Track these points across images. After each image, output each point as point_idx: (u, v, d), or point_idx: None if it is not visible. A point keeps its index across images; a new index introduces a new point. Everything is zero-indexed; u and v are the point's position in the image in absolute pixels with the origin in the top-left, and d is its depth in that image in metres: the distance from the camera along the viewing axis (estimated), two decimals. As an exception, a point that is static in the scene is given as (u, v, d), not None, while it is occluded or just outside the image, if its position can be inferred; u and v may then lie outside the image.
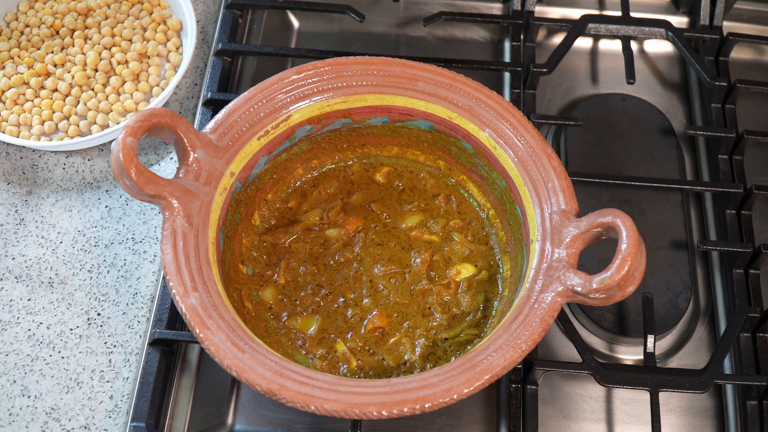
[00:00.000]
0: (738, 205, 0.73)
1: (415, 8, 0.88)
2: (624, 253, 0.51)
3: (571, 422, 0.65)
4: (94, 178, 0.74)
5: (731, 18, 0.87)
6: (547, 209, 0.59)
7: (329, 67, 0.64)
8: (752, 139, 0.75)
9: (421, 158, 0.70)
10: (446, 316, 0.64)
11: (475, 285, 0.65)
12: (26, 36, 0.79)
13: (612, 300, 0.53)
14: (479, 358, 0.52)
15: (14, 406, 0.63)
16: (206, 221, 0.58)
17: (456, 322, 0.64)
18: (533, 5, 0.84)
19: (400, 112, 0.65)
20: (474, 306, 0.64)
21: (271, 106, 0.63)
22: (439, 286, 0.65)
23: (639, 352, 0.68)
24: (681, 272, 0.71)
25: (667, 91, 0.84)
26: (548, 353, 0.68)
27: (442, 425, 0.64)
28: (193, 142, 0.59)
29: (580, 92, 0.83)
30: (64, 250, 0.70)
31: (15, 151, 0.76)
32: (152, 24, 0.80)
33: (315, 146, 0.68)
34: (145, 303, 0.68)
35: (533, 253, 0.57)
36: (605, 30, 0.82)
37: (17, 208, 0.73)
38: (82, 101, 0.75)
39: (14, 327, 0.67)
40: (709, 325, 0.70)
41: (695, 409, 0.66)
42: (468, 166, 0.68)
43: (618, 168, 0.76)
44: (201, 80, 0.81)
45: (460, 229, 0.68)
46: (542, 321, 0.53)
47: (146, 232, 0.72)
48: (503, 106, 0.63)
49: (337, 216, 0.68)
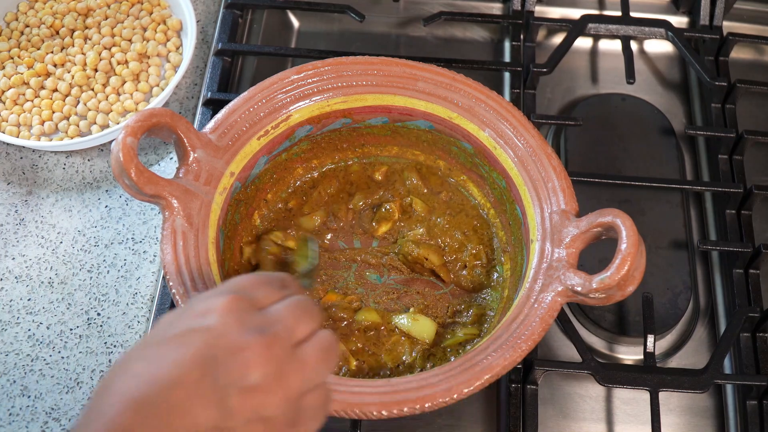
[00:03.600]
0: (738, 205, 0.73)
1: (415, 8, 0.88)
2: (624, 253, 0.51)
3: (571, 422, 0.65)
4: (94, 178, 0.74)
5: (731, 18, 0.87)
6: (547, 209, 0.59)
7: (329, 67, 0.64)
8: (752, 139, 0.75)
9: (421, 158, 0.70)
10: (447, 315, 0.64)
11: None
12: (26, 36, 0.79)
13: (612, 300, 0.53)
14: (479, 357, 0.52)
15: (14, 406, 0.63)
16: (206, 221, 0.58)
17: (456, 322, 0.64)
18: (533, 5, 0.84)
19: (400, 112, 0.65)
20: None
21: (271, 106, 0.63)
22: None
23: (639, 352, 0.68)
24: (681, 272, 0.71)
25: (667, 91, 0.84)
26: (548, 353, 0.68)
27: (442, 425, 0.64)
28: (193, 142, 0.59)
29: (580, 92, 0.83)
30: (64, 250, 0.70)
31: (15, 151, 0.76)
32: (152, 24, 0.80)
33: (315, 146, 0.68)
34: (145, 303, 0.68)
35: (533, 253, 0.57)
36: (605, 30, 0.82)
37: (17, 208, 0.73)
38: (82, 101, 0.75)
39: (14, 327, 0.67)
40: (709, 325, 0.70)
41: (695, 409, 0.66)
42: (468, 166, 0.68)
43: (618, 168, 0.76)
44: (201, 80, 0.81)
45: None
46: (542, 321, 0.53)
47: (146, 232, 0.72)
48: (503, 106, 0.63)
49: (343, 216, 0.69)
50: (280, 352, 0.41)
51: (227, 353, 0.39)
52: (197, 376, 0.38)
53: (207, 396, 0.38)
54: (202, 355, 0.39)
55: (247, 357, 0.39)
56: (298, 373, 0.41)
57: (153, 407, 0.37)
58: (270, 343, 0.40)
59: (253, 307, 0.42)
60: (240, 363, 0.39)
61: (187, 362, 0.39)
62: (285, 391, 0.40)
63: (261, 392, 0.39)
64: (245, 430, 0.39)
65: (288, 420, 0.40)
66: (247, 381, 0.39)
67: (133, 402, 0.37)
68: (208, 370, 0.39)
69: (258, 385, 0.39)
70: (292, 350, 0.41)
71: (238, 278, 0.45)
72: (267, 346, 0.40)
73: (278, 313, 0.43)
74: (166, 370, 0.38)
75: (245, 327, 0.40)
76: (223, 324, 0.40)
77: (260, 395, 0.39)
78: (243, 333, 0.40)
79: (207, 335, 0.40)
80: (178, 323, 0.41)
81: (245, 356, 0.39)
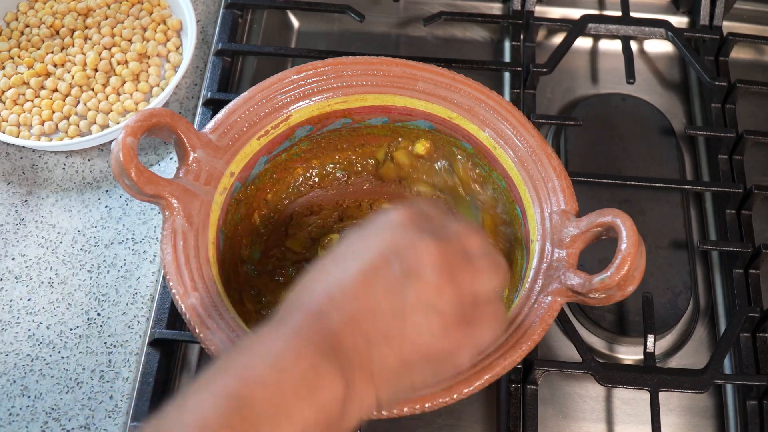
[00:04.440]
0: (738, 205, 0.73)
1: (415, 8, 0.88)
2: (624, 253, 0.51)
3: (571, 422, 0.65)
4: (94, 178, 0.74)
5: (731, 18, 0.87)
6: (547, 209, 0.59)
7: (329, 67, 0.64)
8: (752, 139, 0.75)
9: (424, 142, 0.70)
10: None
11: None
12: (26, 36, 0.79)
13: (612, 300, 0.53)
14: (479, 358, 0.52)
15: (14, 406, 0.63)
16: (206, 221, 0.57)
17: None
18: (533, 5, 0.84)
19: (400, 112, 0.65)
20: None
21: (271, 106, 0.63)
22: None
23: (639, 352, 0.68)
24: (681, 272, 0.71)
25: (667, 91, 0.84)
26: (548, 353, 0.68)
27: (442, 425, 0.64)
28: (193, 142, 0.59)
29: (580, 92, 0.83)
30: (64, 250, 0.70)
31: (15, 151, 0.76)
32: (152, 24, 0.80)
33: (315, 146, 0.68)
34: (145, 303, 0.68)
35: (533, 253, 0.57)
36: (605, 30, 0.82)
37: (17, 208, 0.73)
38: (82, 101, 0.75)
39: (14, 327, 0.67)
40: (709, 325, 0.70)
41: (695, 409, 0.66)
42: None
43: (618, 168, 0.76)
44: (201, 80, 0.81)
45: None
46: (542, 321, 0.53)
47: (146, 232, 0.72)
48: (503, 106, 0.63)
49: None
50: (453, 254, 0.44)
51: (407, 248, 0.43)
52: (381, 265, 0.43)
53: (388, 283, 0.43)
54: (386, 248, 0.44)
55: (424, 253, 0.43)
56: (468, 276, 0.44)
57: (343, 295, 0.43)
58: (444, 245, 0.44)
59: (427, 220, 0.46)
60: (417, 256, 0.43)
61: (371, 256, 0.44)
62: (456, 289, 0.43)
63: (434, 285, 0.43)
64: (420, 316, 0.43)
65: (459, 319, 0.44)
66: (423, 273, 0.43)
67: (327, 293, 0.43)
68: (390, 260, 0.43)
69: (432, 279, 0.43)
70: (464, 256, 0.45)
71: (406, 205, 0.48)
72: (442, 247, 0.44)
73: (451, 225, 0.47)
74: (354, 265, 0.44)
75: (423, 230, 0.45)
76: (403, 228, 0.45)
77: (433, 288, 0.43)
78: (421, 234, 0.44)
79: (389, 235, 0.45)
80: (359, 236, 0.46)
81: (422, 252, 0.43)
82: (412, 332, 0.42)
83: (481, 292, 0.45)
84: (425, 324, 0.42)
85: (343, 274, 0.43)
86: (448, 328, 0.43)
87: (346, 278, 0.43)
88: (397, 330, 0.42)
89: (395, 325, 0.42)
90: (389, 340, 0.42)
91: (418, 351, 0.43)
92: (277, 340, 0.42)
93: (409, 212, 0.46)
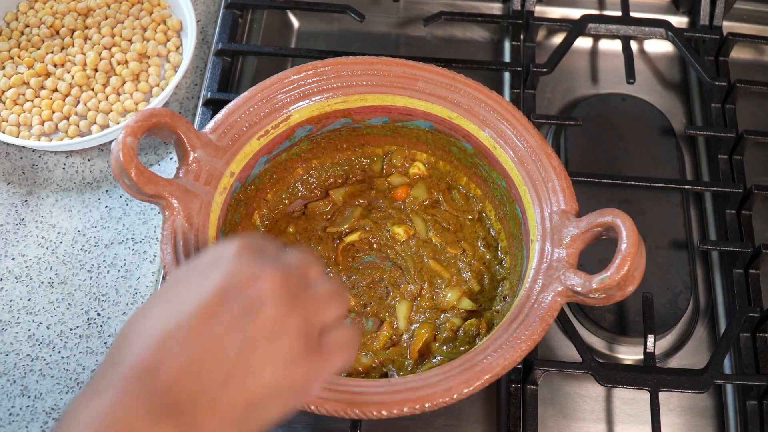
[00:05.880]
0: (738, 205, 0.73)
1: (415, 8, 0.88)
2: (624, 253, 0.51)
3: (571, 422, 0.65)
4: (94, 178, 0.74)
5: (731, 18, 0.87)
6: (547, 209, 0.59)
7: (329, 67, 0.64)
8: (752, 139, 0.75)
9: (423, 158, 0.70)
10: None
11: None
12: (26, 36, 0.79)
13: (612, 300, 0.53)
14: (479, 358, 0.52)
15: (14, 406, 0.63)
16: (206, 221, 0.58)
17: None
18: (533, 5, 0.84)
19: (400, 112, 0.65)
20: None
21: (271, 106, 0.63)
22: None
23: (639, 352, 0.68)
24: (681, 272, 0.71)
25: (667, 91, 0.84)
26: (548, 353, 0.68)
27: (442, 425, 0.64)
28: (193, 142, 0.59)
29: (580, 92, 0.83)
30: (64, 250, 0.70)
31: (15, 151, 0.76)
32: (152, 24, 0.80)
33: (315, 146, 0.68)
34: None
35: (533, 253, 0.57)
36: (605, 30, 0.82)
37: (17, 208, 0.73)
38: (82, 101, 0.75)
39: (14, 327, 0.67)
40: (709, 325, 0.70)
41: (695, 409, 0.66)
42: (468, 166, 0.68)
43: (618, 168, 0.76)
44: (201, 80, 0.81)
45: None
46: (542, 321, 0.53)
47: (146, 232, 0.72)
48: (503, 106, 0.63)
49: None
50: (294, 283, 0.43)
51: (245, 281, 0.41)
52: (217, 301, 0.41)
53: (226, 320, 0.40)
54: (222, 282, 0.41)
55: (263, 284, 0.41)
56: (312, 305, 0.43)
57: (175, 341, 0.40)
58: (284, 275, 0.42)
59: (262, 251, 0.44)
60: (257, 288, 0.41)
61: (207, 293, 0.41)
62: (299, 319, 0.42)
63: (276, 317, 0.41)
64: (263, 351, 0.41)
65: (306, 348, 0.42)
66: (263, 305, 0.41)
67: (155, 340, 0.40)
68: (228, 295, 0.41)
69: (273, 311, 0.41)
70: (305, 284, 0.44)
71: (238, 237, 0.46)
72: (282, 277, 0.42)
73: (287, 256, 0.45)
74: (185, 306, 0.41)
75: (259, 262, 0.42)
76: (239, 260, 0.42)
77: (275, 320, 0.41)
78: (260, 264, 0.42)
79: (225, 269, 0.42)
80: (189, 272, 0.43)
81: (262, 283, 0.41)
82: (256, 369, 0.40)
83: (326, 319, 0.44)
84: (270, 358, 0.41)
85: (176, 317, 0.40)
86: (293, 360, 0.41)
87: (179, 321, 0.40)
88: (240, 369, 0.40)
89: (238, 364, 0.40)
90: (232, 382, 0.40)
91: (264, 386, 0.41)
92: (101, 410, 0.39)
93: (243, 243, 0.43)
